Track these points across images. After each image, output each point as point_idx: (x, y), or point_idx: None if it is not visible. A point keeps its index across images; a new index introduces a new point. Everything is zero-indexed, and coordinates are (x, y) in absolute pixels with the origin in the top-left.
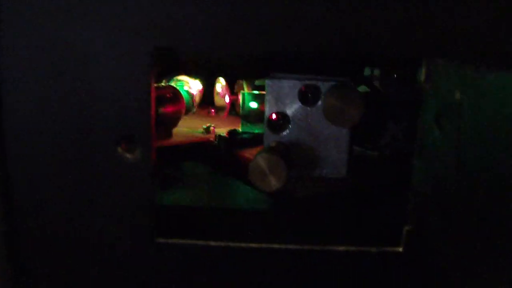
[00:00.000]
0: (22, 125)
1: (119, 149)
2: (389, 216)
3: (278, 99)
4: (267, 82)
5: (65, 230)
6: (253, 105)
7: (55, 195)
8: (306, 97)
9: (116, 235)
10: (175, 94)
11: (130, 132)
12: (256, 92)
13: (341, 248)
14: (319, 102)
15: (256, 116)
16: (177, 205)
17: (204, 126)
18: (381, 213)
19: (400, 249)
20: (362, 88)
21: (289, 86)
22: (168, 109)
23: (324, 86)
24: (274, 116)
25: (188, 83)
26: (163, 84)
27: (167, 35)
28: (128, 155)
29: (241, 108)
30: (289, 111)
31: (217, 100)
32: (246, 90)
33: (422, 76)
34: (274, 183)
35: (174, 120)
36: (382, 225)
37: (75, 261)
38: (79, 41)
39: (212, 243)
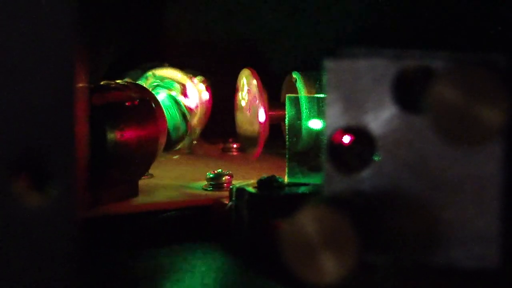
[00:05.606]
0: None
1: (15, 186)
2: None
3: (349, 100)
4: (326, 64)
5: None
6: (316, 124)
7: None
8: (409, 93)
9: None
10: (145, 102)
11: (36, 154)
12: (323, 95)
13: None
14: None
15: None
16: None
17: (211, 175)
18: None
19: None
20: None
21: (373, 71)
22: (128, 133)
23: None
24: (342, 137)
25: (179, 84)
26: (120, 81)
27: None
28: (31, 197)
29: (287, 130)
30: (374, 125)
31: (241, 121)
32: (303, 93)
33: None
34: (331, 268)
35: (142, 157)
36: None
37: None
38: None
39: None
